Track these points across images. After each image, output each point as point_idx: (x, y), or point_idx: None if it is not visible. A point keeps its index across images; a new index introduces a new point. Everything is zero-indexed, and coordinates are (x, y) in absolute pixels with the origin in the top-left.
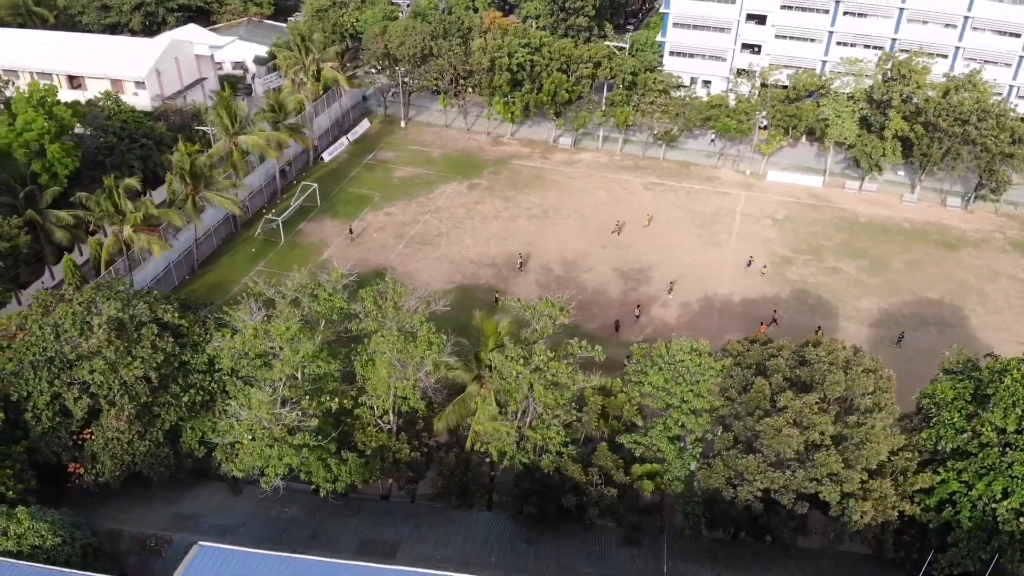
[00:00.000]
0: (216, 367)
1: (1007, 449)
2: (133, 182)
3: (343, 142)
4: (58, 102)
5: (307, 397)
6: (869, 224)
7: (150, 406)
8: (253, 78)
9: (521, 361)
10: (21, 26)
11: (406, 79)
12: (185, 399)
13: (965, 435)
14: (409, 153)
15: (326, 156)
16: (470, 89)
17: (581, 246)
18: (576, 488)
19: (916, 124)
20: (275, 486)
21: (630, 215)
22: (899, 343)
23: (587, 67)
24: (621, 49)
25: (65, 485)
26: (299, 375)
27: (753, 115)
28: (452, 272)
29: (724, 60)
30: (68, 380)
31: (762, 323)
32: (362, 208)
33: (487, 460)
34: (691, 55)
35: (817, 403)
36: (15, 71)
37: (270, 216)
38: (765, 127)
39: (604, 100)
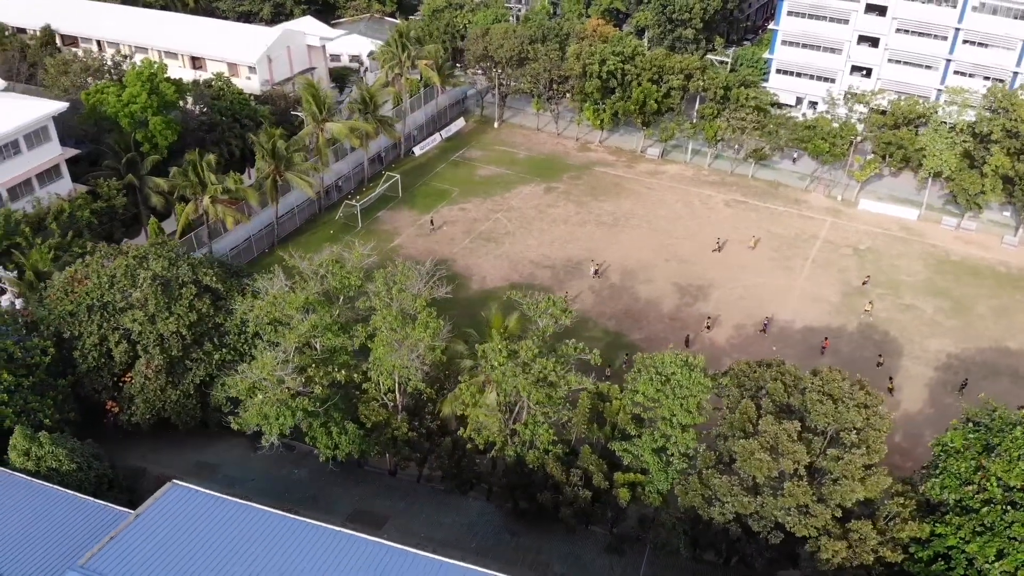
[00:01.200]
0: (245, 330)
1: (1010, 508)
2: (212, 158)
3: (436, 138)
4: (166, 79)
5: (313, 365)
6: (960, 264)
7: (183, 360)
8: (366, 71)
9: (505, 353)
10: (164, 8)
11: (502, 81)
12: (216, 357)
13: (970, 487)
14: (496, 153)
15: (417, 150)
16: (567, 94)
17: (645, 256)
18: (556, 486)
19: (1020, 162)
20: (272, 443)
21: (729, 234)
22: (961, 390)
23: (678, 78)
24: (723, 63)
25: (103, 421)
26: (318, 345)
27: (848, 139)
28: (510, 270)
29: (833, 81)
30: (114, 326)
31: (826, 338)
32: (439, 201)
33: (468, 447)
34: (798, 74)
35: (799, 432)
36: (145, 48)
37: (350, 201)
38: (872, 155)
39: (695, 113)
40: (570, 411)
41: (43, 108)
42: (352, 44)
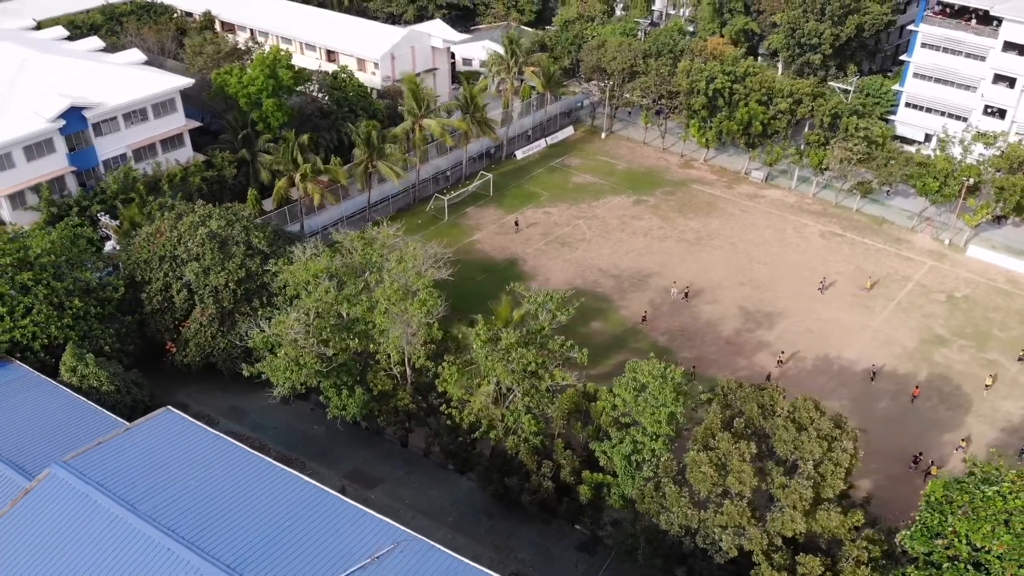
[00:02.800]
0: (286, 291)
1: (972, 568)
2: (305, 138)
3: (540, 144)
4: (290, 66)
5: (329, 329)
6: None
7: (233, 313)
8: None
9: (484, 337)
10: (320, 5)
11: (614, 92)
12: (261, 313)
13: (940, 541)
14: (595, 162)
15: (519, 154)
16: (686, 110)
17: (717, 278)
18: (527, 475)
19: None
20: (282, 395)
21: (817, 265)
22: (1020, 456)
23: (786, 102)
24: (845, 91)
25: (160, 359)
26: (345, 314)
27: (959, 179)
28: (575, 276)
29: (965, 120)
30: (178, 276)
31: (917, 385)
32: (526, 203)
33: (448, 423)
34: (928, 109)
35: (755, 455)
36: (289, 39)
37: (440, 196)
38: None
39: (802, 138)
40: (554, 405)
41: (171, 82)
42: (483, 50)
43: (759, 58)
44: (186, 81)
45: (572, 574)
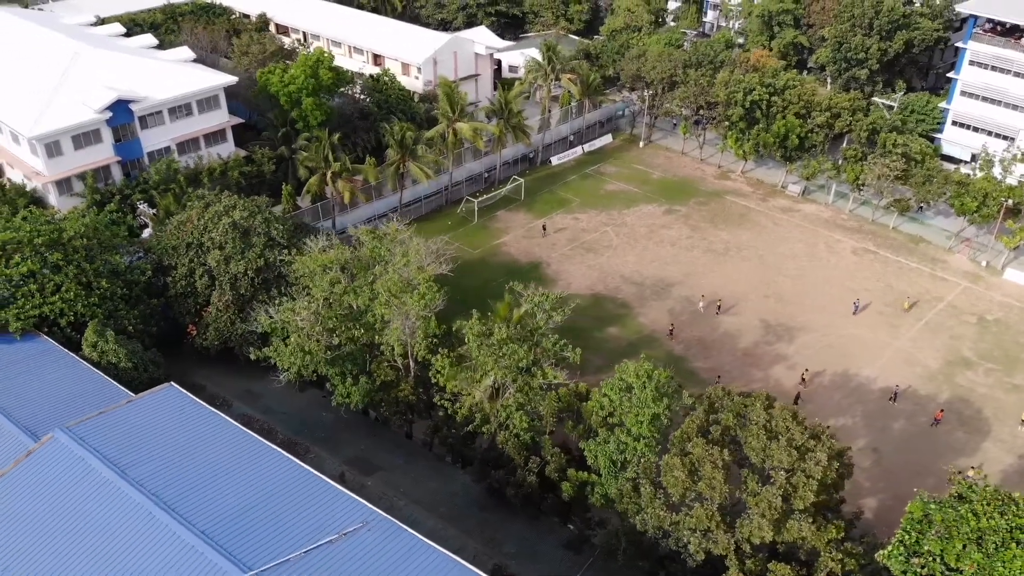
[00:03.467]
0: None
1: None
2: (336, 137)
3: (577, 151)
4: (332, 67)
5: (335, 319)
6: None
7: (251, 300)
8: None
9: (476, 330)
10: (374, 11)
11: (653, 102)
12: (277, 302)
13: (916, 560)
14: (630, 171)
15: (555, 160)
16: (724, 121)
17: (741, 289)
18: (515, 469)
19: None
20: (289, 380)
21: (844, 281)
22: None
23: (823, 115)
24: (889, 108)
25: (182, 341)
26: (354, 305)
27: (998, 200)
28: (596, 281)
29: (1012, 140)
30: (201, 262)
31: (941, 409)
32: (556, 208)
33: (440, 414)
34: (975, 128)
35: (728, 462)
36: (339, 42)
37: (470, 198)
38: None
39: (840, 153)
40: (544, 403)
41: (214, 80)
42: (525, 57)
43: (808, 72)
44: (229, 79)
45: (555, 570)
